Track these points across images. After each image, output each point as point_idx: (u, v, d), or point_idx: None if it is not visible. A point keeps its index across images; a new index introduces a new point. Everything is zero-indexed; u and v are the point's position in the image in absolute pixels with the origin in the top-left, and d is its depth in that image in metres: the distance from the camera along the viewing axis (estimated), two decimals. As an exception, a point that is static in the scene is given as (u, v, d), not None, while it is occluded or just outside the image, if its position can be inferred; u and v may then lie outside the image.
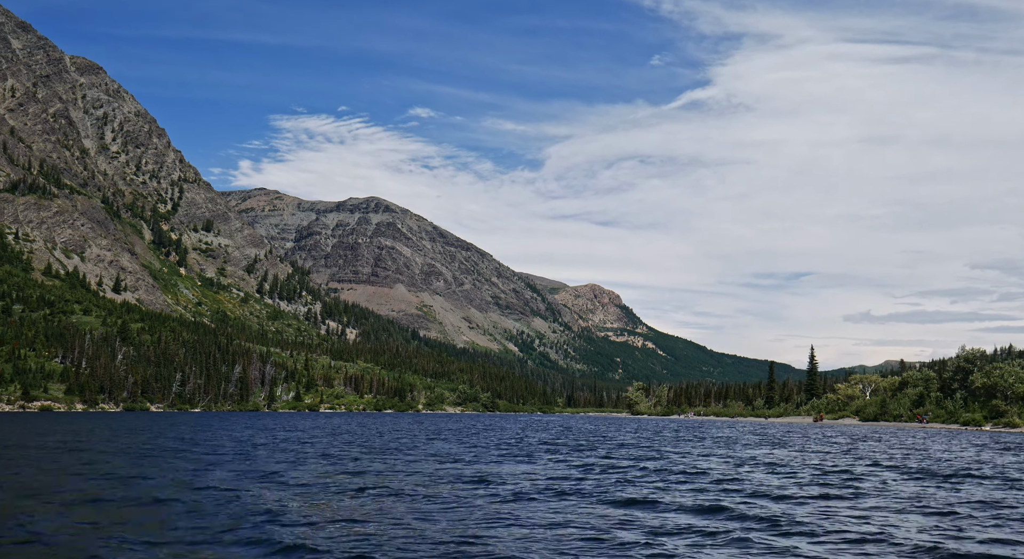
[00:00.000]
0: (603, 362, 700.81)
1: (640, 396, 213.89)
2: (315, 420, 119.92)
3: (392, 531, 15.90)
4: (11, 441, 48.23)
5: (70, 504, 19.48)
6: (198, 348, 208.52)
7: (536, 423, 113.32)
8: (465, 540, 14.90)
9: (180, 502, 19.79)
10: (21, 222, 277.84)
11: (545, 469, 30.54)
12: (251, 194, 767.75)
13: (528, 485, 24.45)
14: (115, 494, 21.54)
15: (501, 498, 21.11)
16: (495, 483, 24.91)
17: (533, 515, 18.18)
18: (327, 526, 16.43)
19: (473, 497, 21.34)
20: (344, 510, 18.84)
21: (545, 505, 19.92)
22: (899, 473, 30.45)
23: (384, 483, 24.80)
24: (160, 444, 46.34)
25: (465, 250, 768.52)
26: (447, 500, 20.63)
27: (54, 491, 22.20)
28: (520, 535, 15.60)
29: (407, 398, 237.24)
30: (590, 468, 31.21)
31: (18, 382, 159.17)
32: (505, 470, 29.77)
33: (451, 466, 31.43)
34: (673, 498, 21.49)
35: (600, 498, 21.48)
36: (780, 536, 15.68)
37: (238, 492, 22.03)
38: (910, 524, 17.41)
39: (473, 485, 24.39)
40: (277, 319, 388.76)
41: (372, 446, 46.32)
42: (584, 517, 17.97)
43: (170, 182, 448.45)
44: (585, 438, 61.19)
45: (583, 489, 23.56)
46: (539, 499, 21.06)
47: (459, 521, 17.22)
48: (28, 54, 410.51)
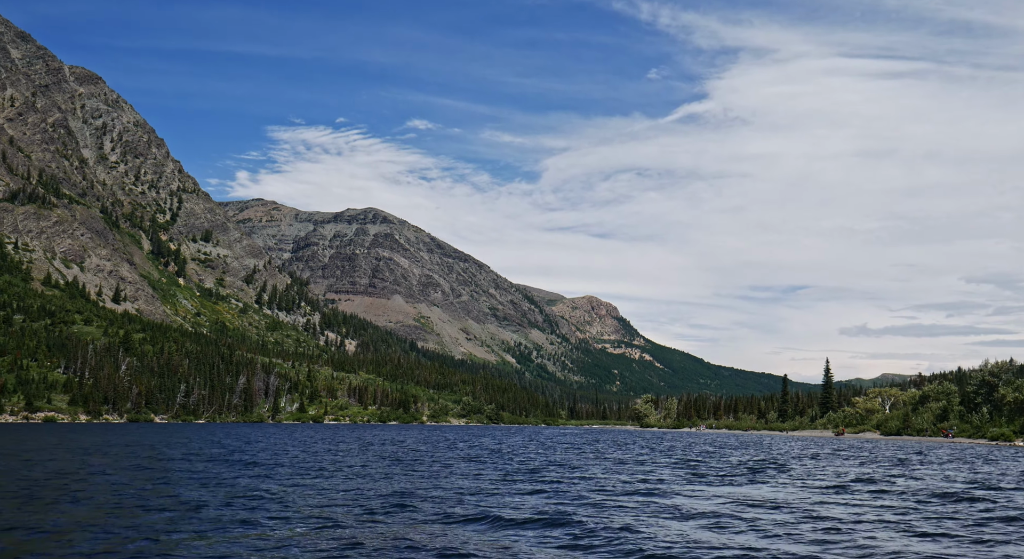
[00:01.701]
0: (601, 374, 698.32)
1: (649, 408, 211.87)
2: (337, 432, 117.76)
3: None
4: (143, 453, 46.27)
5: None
6: (201, 359, 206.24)
7: (573, 439, 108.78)
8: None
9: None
10: (20, 232, 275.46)
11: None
12: (248, 205, 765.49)
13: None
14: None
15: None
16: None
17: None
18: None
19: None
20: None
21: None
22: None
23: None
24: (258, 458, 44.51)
25: (463, 261, 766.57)
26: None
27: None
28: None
29: (411, 410, 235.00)
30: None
31: (21, 393, 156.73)
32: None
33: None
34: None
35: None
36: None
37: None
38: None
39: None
40: (276, 330, 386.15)
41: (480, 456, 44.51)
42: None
43: (169, 192, 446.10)
44: (687, 451, 59.17)
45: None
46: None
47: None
48: (27, 64, 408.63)
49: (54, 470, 33.19)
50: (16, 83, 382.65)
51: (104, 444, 61.10)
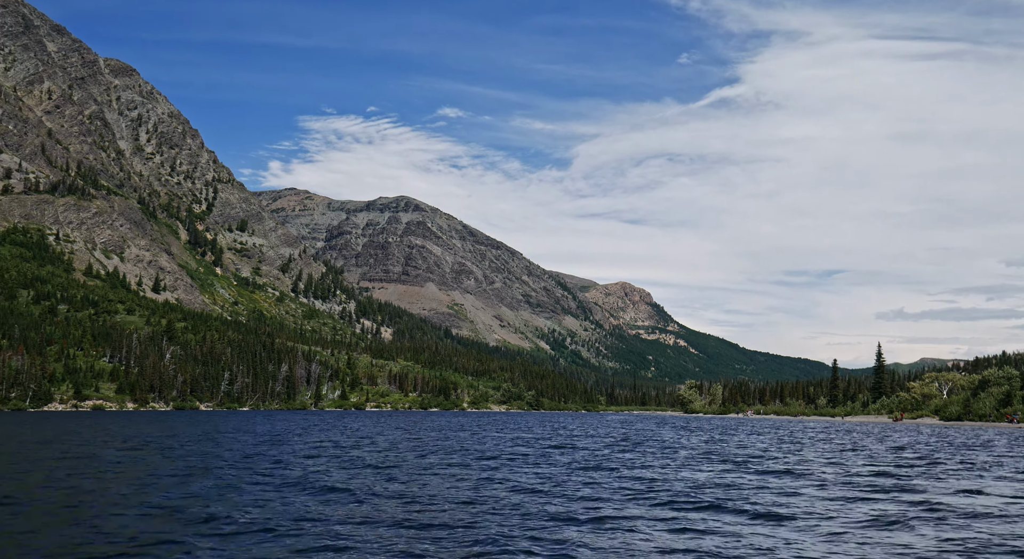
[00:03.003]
0: (635, 360, 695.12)
1: (694, 394, 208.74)
2: (394, 419, 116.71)
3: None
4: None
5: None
6: (243, 347, 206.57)
7: (642, 426, 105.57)
8: None
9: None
10: (61, 223, 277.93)
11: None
12: (282, 194, 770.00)
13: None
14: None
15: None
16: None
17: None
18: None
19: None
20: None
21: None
22: None
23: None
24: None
25: (495, 249, 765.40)
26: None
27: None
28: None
29: (451, 396, 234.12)
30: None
31: (70, 381, 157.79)
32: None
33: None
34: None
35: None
36: None
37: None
38: None
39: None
40: (312, 318, 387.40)
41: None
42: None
43: (204, 182, 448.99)
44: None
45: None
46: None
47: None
48: (63, 57, 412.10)
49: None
50: (53, 76, 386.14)
51: (227, 431, 60.07)
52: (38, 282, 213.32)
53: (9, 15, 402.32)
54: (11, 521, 16.33)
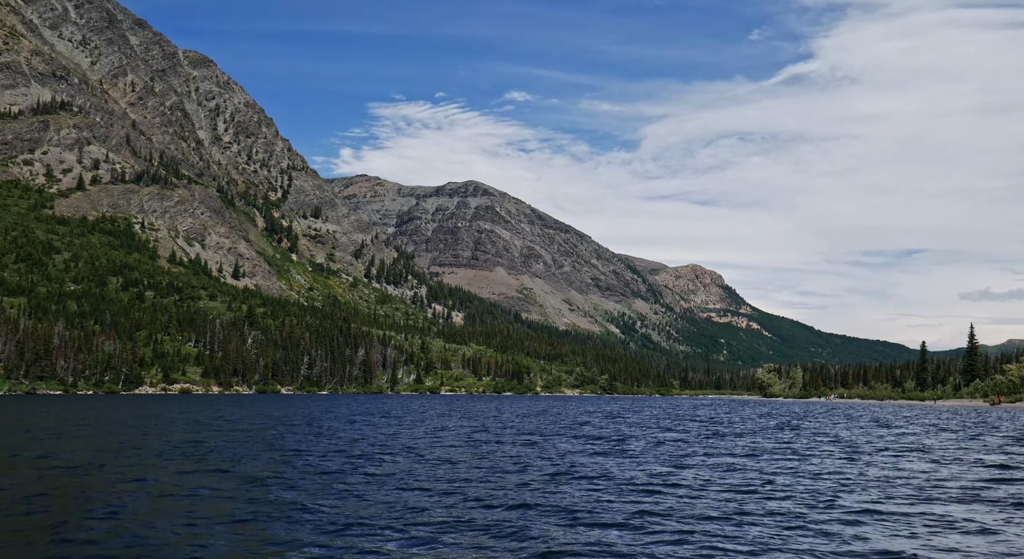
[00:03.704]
0: (707, 343, 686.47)
1: (773, 378, 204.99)
2: (481, 403, 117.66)
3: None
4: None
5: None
6: (321, 332, 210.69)
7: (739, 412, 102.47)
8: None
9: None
10: (146, 212, 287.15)
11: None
12: (353, 181, 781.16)
13: None
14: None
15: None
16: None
17: None
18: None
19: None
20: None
21: None
22: None
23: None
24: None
25: (564, 232, 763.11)
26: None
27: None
28: None
29: (524, 381, 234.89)
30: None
31: (158, 365, 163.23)
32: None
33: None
34: None
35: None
36: None
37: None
38: None
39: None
40: (385, 303, 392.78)
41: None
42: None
43: (279, 170, 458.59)
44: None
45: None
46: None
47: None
48: (145, 50, 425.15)
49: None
50: (136, 69, 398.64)
51: (359, 416, 61.37)
52: (126, 269, 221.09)
53: (95, 10, 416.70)
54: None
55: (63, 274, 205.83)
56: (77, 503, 17.03)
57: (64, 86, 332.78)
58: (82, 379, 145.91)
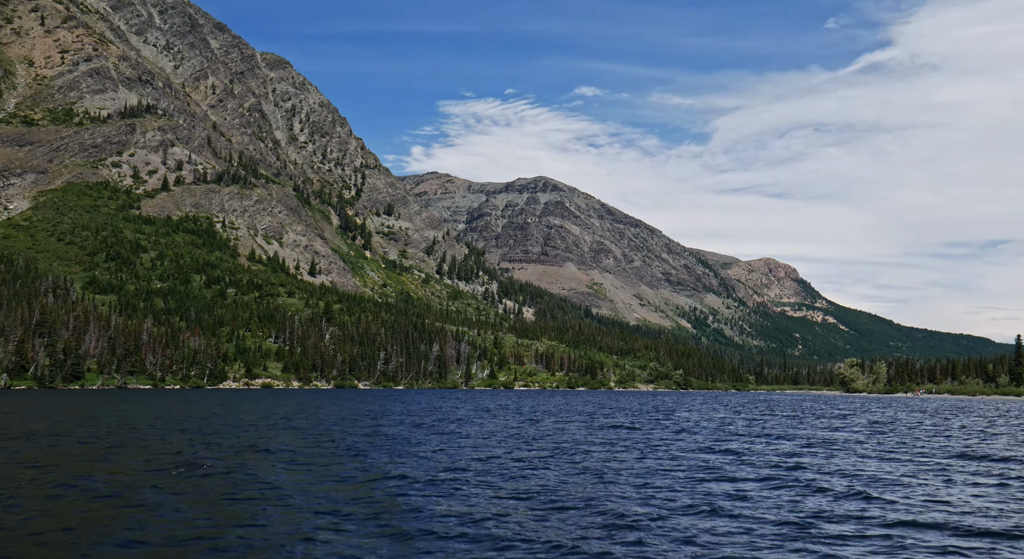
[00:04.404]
0: (781, 338, 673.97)
1: (856, 373, 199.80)
2: (562, 399, 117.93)
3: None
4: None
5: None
6: (396, 328, 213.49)
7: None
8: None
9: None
10: (227, 211, 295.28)
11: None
12: (424, 178, 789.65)
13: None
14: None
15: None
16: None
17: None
18: None
19: None
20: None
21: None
22: None
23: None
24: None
25: (634, 227, 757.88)
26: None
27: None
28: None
29: (598, 376, 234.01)
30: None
31: (241, 361, 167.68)
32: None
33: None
34: None
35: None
36: None
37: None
38: None
39: None
40: (457, 299, 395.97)
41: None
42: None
43: (353, 169, 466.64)
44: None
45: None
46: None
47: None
48: (225, 53, 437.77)
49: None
50: (216, 72, 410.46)
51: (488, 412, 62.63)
52: (208, 267, 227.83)
53: (177, 15, 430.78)
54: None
55: (150, 272, 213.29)
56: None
57: (149, 90, 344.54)
58: (169, 374, 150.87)
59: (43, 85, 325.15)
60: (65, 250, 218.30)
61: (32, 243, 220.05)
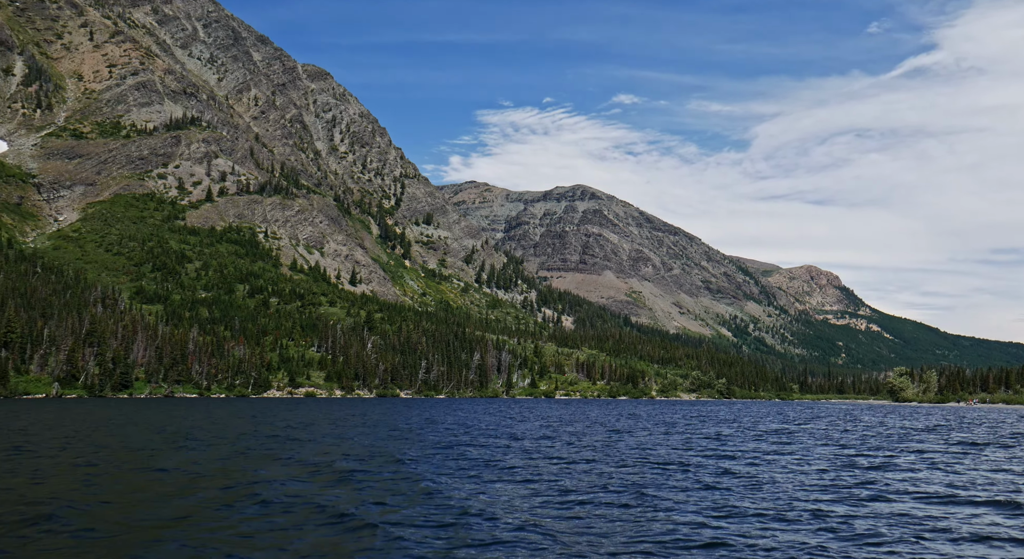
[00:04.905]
0: (824, 346, 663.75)
1: (905, 382, 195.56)
2: (614, 409, 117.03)
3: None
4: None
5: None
6: (437, 337, 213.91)
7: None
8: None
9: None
10: (269, 221, 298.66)
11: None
12: (462, 187, 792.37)
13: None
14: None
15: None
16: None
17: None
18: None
19: None
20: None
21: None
22: None
23: None
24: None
25: (673, 235, 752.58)
26: None
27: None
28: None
29: (639, 385, 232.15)
30: None
31: (285, 369, 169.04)
32: None
33: None
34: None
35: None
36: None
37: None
38: None
39: None
40: (496, 307, 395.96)
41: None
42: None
43: (392, 179, 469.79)
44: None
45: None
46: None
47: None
48: (267, 65, 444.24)
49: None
50: (258, 84, 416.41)
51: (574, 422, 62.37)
52: (252, 277, 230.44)
53: (221, 29, 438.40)
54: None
55: (195, 282, 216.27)
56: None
57: (194, 102, 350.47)
58: (215, 383, 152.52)
59: (92, 99, 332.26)
60: (113, 260, 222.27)
61: (81, 254, 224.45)
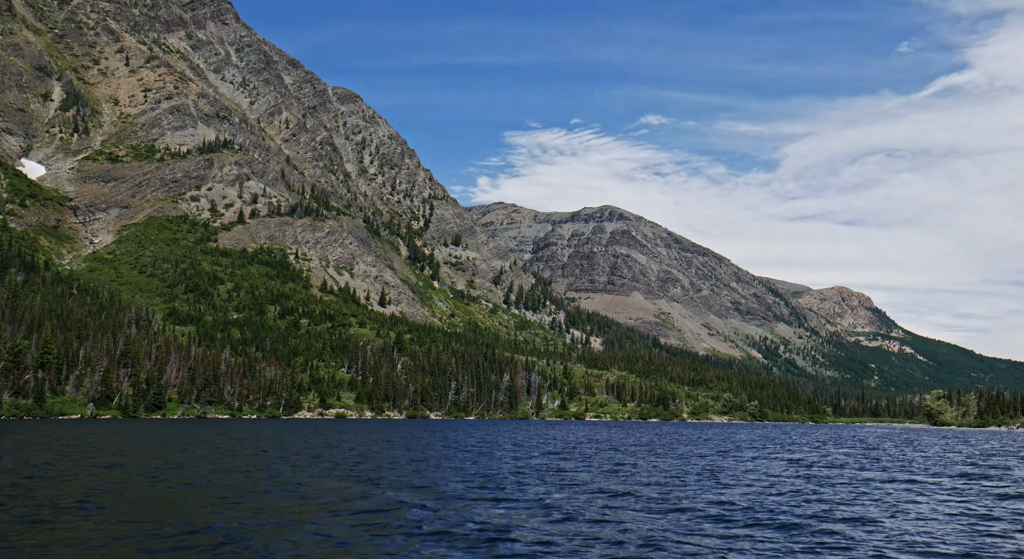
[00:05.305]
0: (856, 369, 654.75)
1: (943, 405, 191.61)
2: (656, 431, 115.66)
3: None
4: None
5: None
6: (467, 358, 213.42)
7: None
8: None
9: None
10: (299, 243, 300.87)
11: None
12: (490, 209, 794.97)
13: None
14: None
15: None
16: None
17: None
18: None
19: None
20: None
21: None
22: None
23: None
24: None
25: (701, 255, 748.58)
26: None
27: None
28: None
29: (670, 406, 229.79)
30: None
31: (315, 391, 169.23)
32: None
33: None
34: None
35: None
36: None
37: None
38: None
39: None
40: (524, 328, 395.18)
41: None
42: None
43: (421, 200, 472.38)
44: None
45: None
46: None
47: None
48: (298, 88, 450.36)
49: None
50: (289, 107, 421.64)
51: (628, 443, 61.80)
52: (283, 298, 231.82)
53: (253, 53, 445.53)
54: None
55: (227, 303, 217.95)
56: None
57: (226, 125, 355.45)
58: (246, 404, 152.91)
59: (127, 123, 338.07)
60: (147, 282, 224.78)
61: (116, 275, 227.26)
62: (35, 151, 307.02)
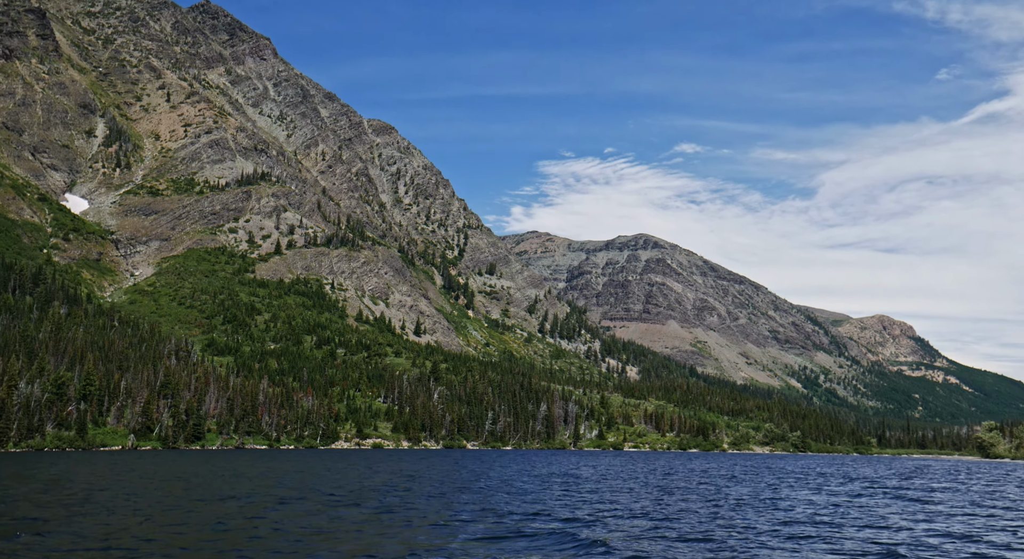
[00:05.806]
0: (899, 399, 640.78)
1: (996, 437, 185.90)
2: (701, 462, 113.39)
3: None
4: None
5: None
6: (503, 387, 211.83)
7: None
8: None
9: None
10: (335, 273, 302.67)
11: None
12: (524, 237, 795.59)
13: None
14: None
15: None
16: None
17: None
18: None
19: None
20: None
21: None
22: None
23: None
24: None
25: (738, 284, 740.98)
26: None
27: None
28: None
29: (710, 437, 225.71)
30: None
31: (352, 420, 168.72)
32: None
33: None
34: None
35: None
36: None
37: None
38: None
39: None
40: (559, 357, 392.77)
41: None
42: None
43: (456, 229, 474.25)
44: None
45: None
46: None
47: None
48: (334, 120, 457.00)
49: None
50: (326, 139, 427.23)
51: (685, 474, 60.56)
52: (319, 328, 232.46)
53: (291, 87, 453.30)
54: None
55: (264, 334, 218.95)
56: None
57: (264, 158, 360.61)
58: (284, 434, 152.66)
59: (167, 157, 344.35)
60: (186, 313, 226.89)
61: (156, 307, 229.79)
62: (79, 186, 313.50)
